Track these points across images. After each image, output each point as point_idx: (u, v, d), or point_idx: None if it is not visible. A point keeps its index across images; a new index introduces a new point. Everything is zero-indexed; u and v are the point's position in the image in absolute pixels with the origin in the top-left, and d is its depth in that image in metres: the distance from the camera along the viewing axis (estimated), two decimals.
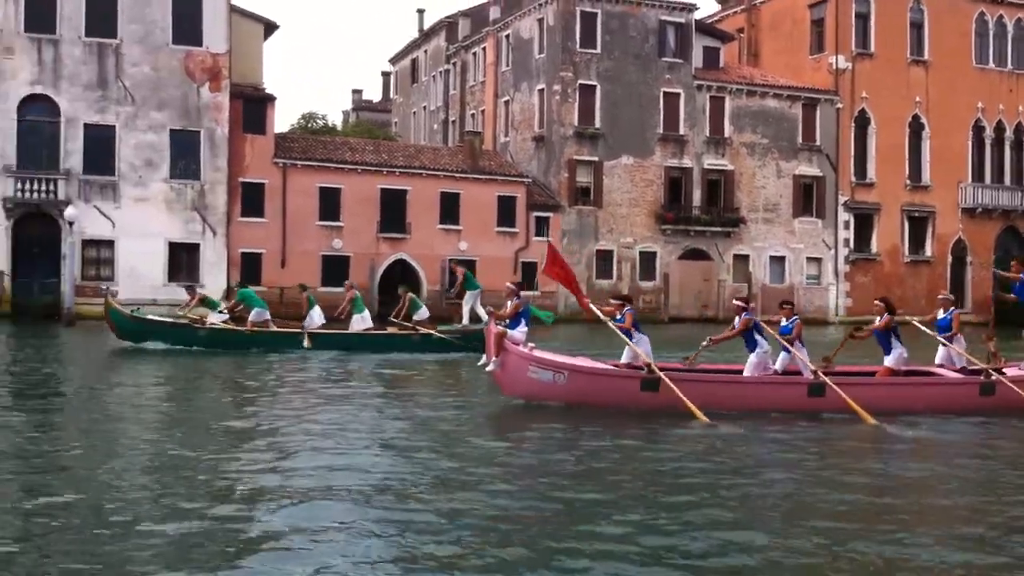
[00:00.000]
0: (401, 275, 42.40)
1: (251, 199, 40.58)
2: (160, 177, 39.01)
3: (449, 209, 43.56)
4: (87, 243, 37.77)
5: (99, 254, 38.08)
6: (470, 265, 36.47)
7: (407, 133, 62.93)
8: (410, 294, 25.86)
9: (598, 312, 14.99)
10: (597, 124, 46.54)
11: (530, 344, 14.71)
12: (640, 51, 47.19)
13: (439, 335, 23.70)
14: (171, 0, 39.08)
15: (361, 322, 24.48)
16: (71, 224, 35.93)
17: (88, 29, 38.14)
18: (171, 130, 39.14)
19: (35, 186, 37.29)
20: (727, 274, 48.35)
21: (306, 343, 23.11)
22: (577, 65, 46.34)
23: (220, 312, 24.36)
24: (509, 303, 15.31)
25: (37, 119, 37.77)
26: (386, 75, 73.82)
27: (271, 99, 41.94)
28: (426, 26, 62.12)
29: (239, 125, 40.37)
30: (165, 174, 39.07)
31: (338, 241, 41.73)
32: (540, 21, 47.76)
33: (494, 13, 53.42)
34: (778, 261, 49.56)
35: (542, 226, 45.32)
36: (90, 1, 38.16)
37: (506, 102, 51.06)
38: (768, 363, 14.78)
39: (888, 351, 14.94)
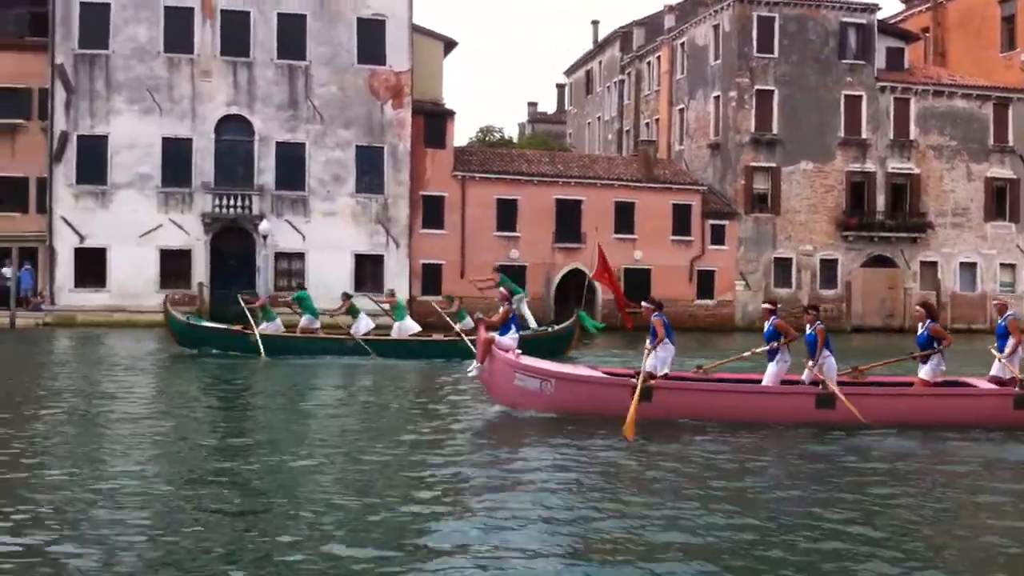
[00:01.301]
0: (576, 285, 42.81)
1: (431, 211, 41.80)
2: (347, 192, 40.65)
3: (624, 218, 43.67)
4: (279, 255, 39.69)
5: (290, 266, 39.96)
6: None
7: (582, 144, 63.40)
8: (458, 302, 26.29)
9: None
10: (775, 129, 45.78)
11: (516, 351, 14.33)
12: (819, 54, 46.19)
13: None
14: (356, 22, 40.69)
15: (401, 329, 24.59)
16: (265, 238, 37.93)
17: (280, 52, 40.13)
18: (357, 146, 40.74)
19: (231, 202, 39.45)
20: (914, 282, 46.66)
21: (367, 349, 23.31)
22: (754, 70, 45.73)
23: (274, 320, 24.58)
24: (501, 309, 15.06)
25: (233, 139, 39.95)
26: (561, 87, 74.63)
27: (451, 114, 43.12)
28: (600, 37, 62.51)
29: (420, 140, 41.66)
30: (351, 189, 40.68)
31: (515, 251, 42.46)
32: (716, 28, 47.38)
33: (669, 22, 53.29)
34: (969, 268, 47.47)
35: (718, 234, 44.89)
36: (281, 26, 40.14)
37: (681, 110, 50.84)
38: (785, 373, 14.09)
39: (925, 361, 14.03)
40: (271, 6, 39.97)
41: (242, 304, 24.88)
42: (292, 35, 40.26)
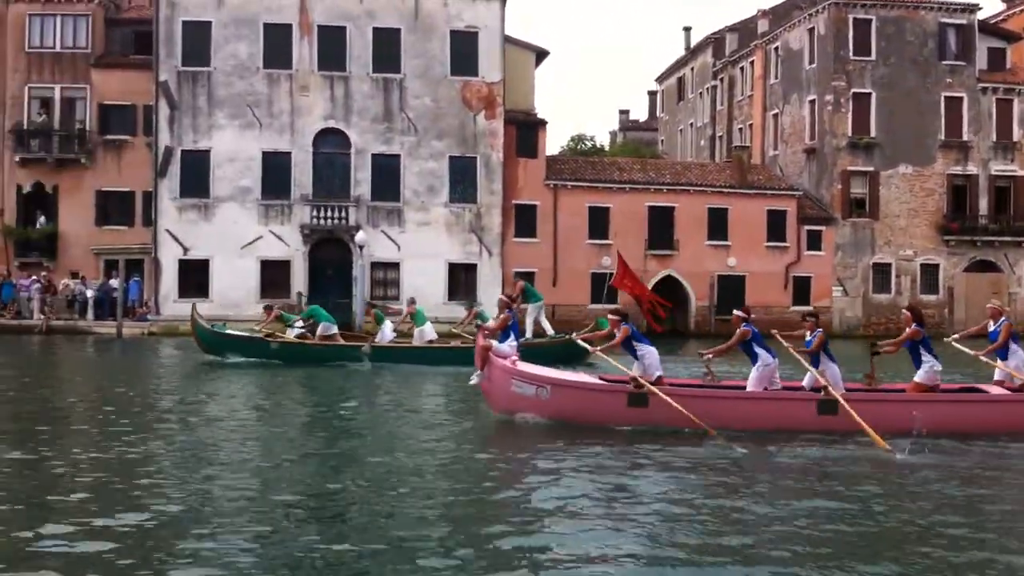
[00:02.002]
0: (669, 292, 42.64)
1: (524, 220, 42.05)
2: (440, 202, 41.14)
3: (717, 225, 43.34)
4: (375, 265, 40.33)
5: (386, 275, 40.57)
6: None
7: (674, 151, 63.08)
8: (476, 309, 26.23)
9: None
10: (872, 133, 44.97)
11: (513, 357, 14.20)
12: (918, 55, 45.25)
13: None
14: (449, 35, 41.20)
15: (422, 335, 24.71)
16: (361, 248, 38.59)
17: (375, 66, 40.83)
18: (450, 157, 41.21)
19: (329, 213, 40.23)
20: (1019, 286, 45.36)
21: (366, 350, 23.75)
22: (850, 73, 45.01)
23: (292, 327, 25.14)
24: (500, 316, 14.97)
25: (330, 151, 40.76)
26: (652, 94, 74.38)
27: (542, 123, 43.36)
28: (693, 43, 62.19)
29: (513, 150, 41.96)
30: (445, 199, 41.16)
31: (607, 259, 42.41)
32: (810, 31, 46.77)
33: (762, 26, 52.76)
34: None
35: (815, 240, 44.25)
36: (376, 40, 40.84)
37: (775, 115, 50.27)
38: (775, 377, 13.71)
39: (917, 365, 13.54)
40: (366, 21, 40.72)
41: (296, 324, 25.52)
42: (387, 49, 40.93)
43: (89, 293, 38.07)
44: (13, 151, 41.31)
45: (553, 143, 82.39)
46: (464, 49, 41.39)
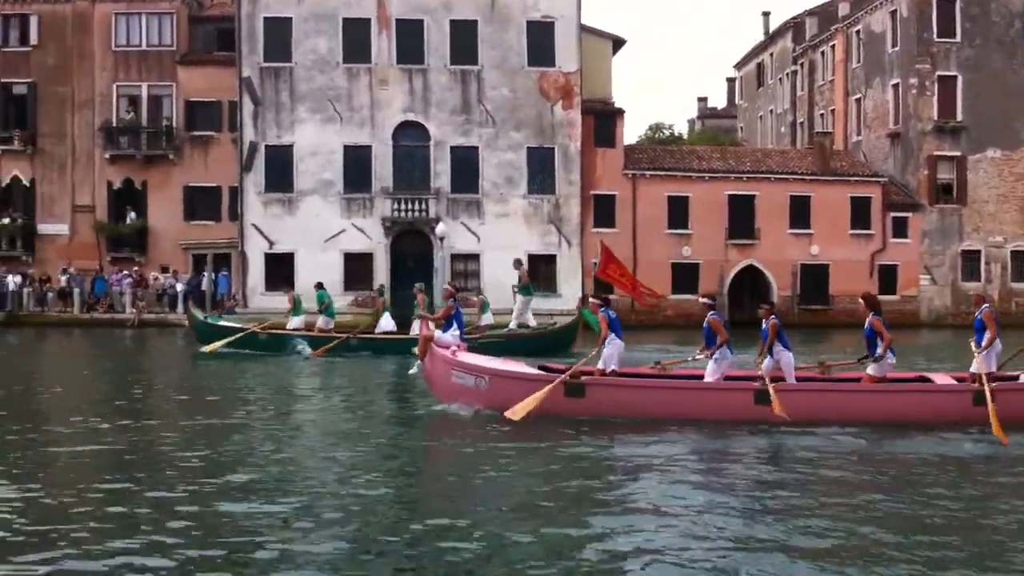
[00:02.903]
0: (751, 281, 42.29)
1: (603, 210, 41.97)
2: (519, 193, 41.25)
3: (799, 213, 42.78)
4: (455, 257, 40.61)
5: (466, 267, 40.82)
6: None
7: (753, 138, 62.36)
8: (481, 297, 26.50)
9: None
10: (959, 117, 43.97)
11: (454, 347, 14.20)
12: (1004, 36, 44.14)
13: (484, 339, 23.31)
14: (526, 25, 41.24)
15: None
16: (441, 240, 38.93)
17: (453, 58, 41.06)
18: (528, 148, 41.28)
19: (409, 206, 40.61)
20: None
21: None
22: (935, 56, 44.05)
23: (298, 317, 26.03)
24: (444, 306, 15.24)
25: (410, 144, 41.13)
26: (731, 81, 73.57)
27: (620, 113, 43.21)
28: (771, 28, 61.37)
29: (590, 139, 41.88)
30: (523, 190, 41.26)
31: (687, 248, 42.21)
32: (892, 14, 45.84)
33: (843, 9, 51.84)
34: None
35: (900, 227, 43.44)
36: (454, 32, 41.05)
37: (857, 100, 49.41)
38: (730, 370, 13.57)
39: (873, 354, 13.29)
40: (443, 13, 40.94)
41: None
42: (464, 41, 41.11)
43: (179, 287, 38.99)
44: (103, 148, 42.47)
45: (631, 132, 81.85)
46: (541, 39, 41.39)
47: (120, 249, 42.25)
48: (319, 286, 27.19)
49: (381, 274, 40.21)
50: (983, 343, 13.44)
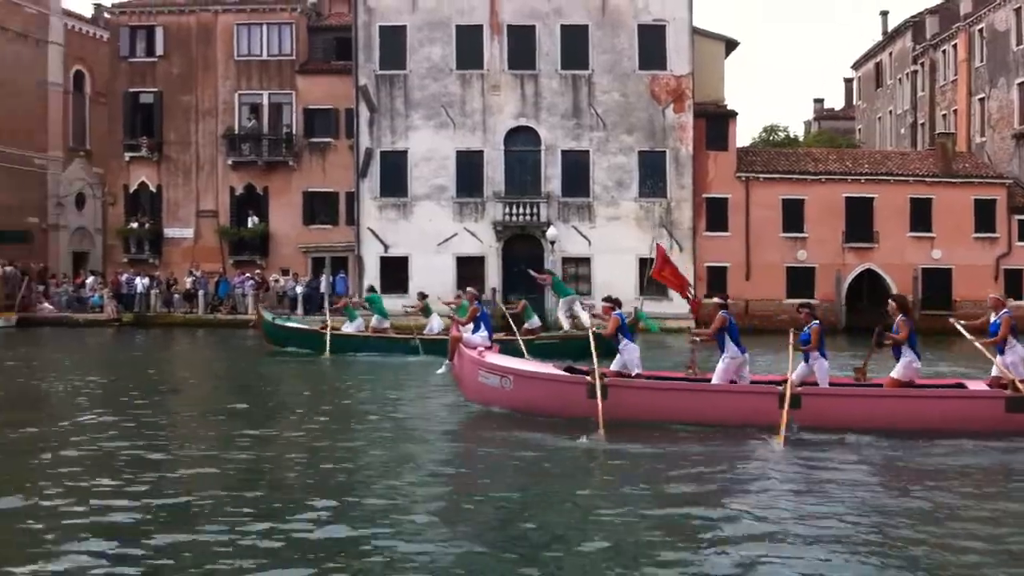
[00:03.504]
0: (869, 286, 41.37)
1: (715, 214, 41.57)
2: (630, 196, 41.17)
3: (920, 216, 41.64)
4: (567, 260, 40.74)
5: (577, 270, 40.94)
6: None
7: (872, 139, 60.95)
8: (524, 302, 26.54)
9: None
10: None
11: (480, 348, 14.32)
12: None
13: (540, 341, 23.56)
14: (637, 29, 41.17)
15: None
16: (552, 243, 39.13)
17: (564, 63, 41.24)
18: (639, 151, 41.17)
19: (520, 210, 40.91)
20: None
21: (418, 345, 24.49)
22: None
23: (356, 320, 26.52)
24: (470, 308, 15.35)
25: (521, 149, 41.45)
26: (848, 81, 72.05)
27: (733, 115, 42.76)
28: (890, 27, 59.90)
29: (702, 143, 41.56)
30: (634, 193, 41.17)
31: (802, 252, 41.51)
32: (1017, 11, 44.33)
33: (965, 7, 50.30)
34: None
35: None
36: (565, 37, 41.23)
37: (981, 100, 47.90)
38: (743, 371, 13.28)
39: (898, 359, 12.80)
40: (554, 19, 41.16)
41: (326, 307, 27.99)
42: (575, 45, 41.26)
43: (298, 289, 40.03)
44: (226, 155, 43.92)
45: (744, 135, 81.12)
46: (652, 42, 41.27)
47: (242, 252, 43.64)
48: (371, 289, 29.15)
49: (493, 278, 40.62)
50: (985, 342, 13.07)
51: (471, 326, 15.72)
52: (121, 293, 41.51)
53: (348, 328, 26.49)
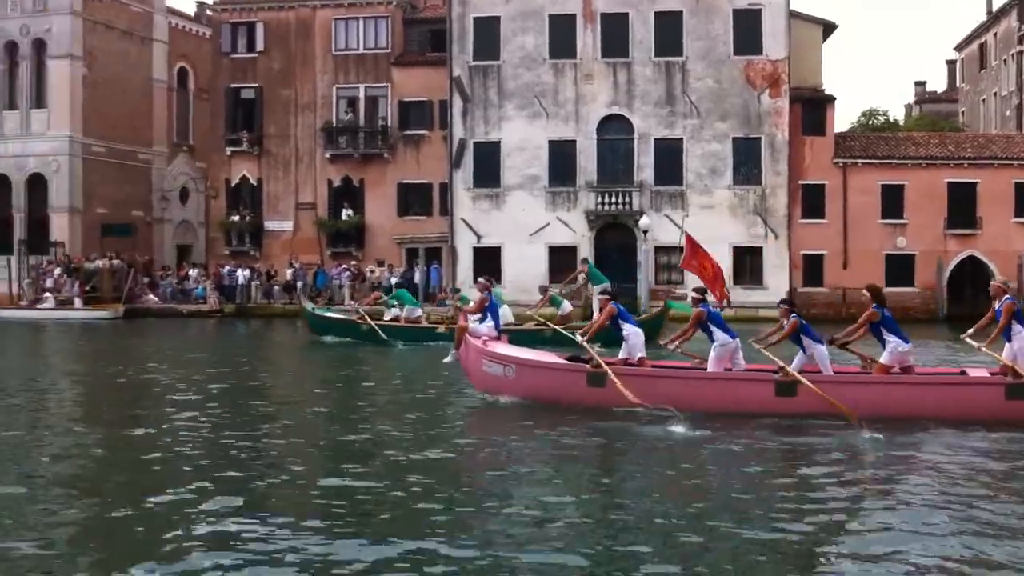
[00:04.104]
0: (972, 273, 40.32)
1: (811, 201, 40.91)
2: (724, 184, 40.78)
3: None
4: (659, 249, 40.51)
5: (670, 260, 40.66)
6: None
7: (976, 122, 59.23)
8: (551, 292, 26.94)
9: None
10: None
11: (485, 338, 14.50)
12: None
13: (563, 332, 22.90)
14: (732, 14, 40.71)
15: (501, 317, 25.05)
16: (645, 232, 39.02)
17: (657, 50, 40.99)
18: (733, 138, 40.72)
19: (613, 199, 40.84)
20: None
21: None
22: None
23: (392, 308, 27.73)
24: (479, 298, 15.65)
25: (614, 137, 41.37)
26: (951, 63, 70.05)
27: (830, 100, 42.01)
28: (995, 7, 58.07)
29: (798, 128, 40.91)
30: (728, 181, 40.76)
31: (902, 239, 40.63)
32: None
33: None
34: None
35: None
36: (658, 24, 40.97)
37: None
38: (738, 358, 13.37)
39: (883, 347, 12.76)
40: (648, 6, 40.92)
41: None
42: (669, 32, 40.97)
43: (393, 280, 40.63)
44: (324, 149, 44.77)
45: (843, 119, 79.39)
46: (747, 27, 40.76)
47: (339, 244, 44.46)
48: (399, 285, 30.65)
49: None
50: (991, 336, 12.93)
51: (477, 315, 16.07)
52: (223, 285, 42.74)
53: (388, 316, 27.88)
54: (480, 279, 18.28)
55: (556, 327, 23.23)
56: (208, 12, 50.17)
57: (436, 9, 45.51)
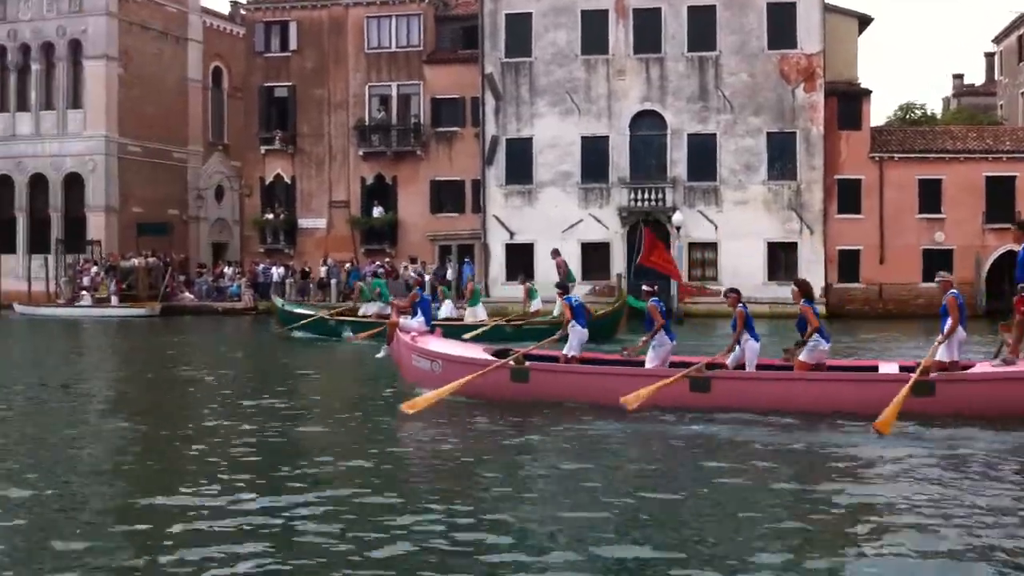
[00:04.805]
0: (1010, 268, 39.69)
1: (847, 196, 40.49)
2: (758, 180, 40.45)
3: None
4: (693, 245, 40.32)
5: (703, 256, 40.51)
6: None
7: (1014, 116, 58.29)
8: (528, 284, 27.33)
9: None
10: None
11: (414, 333, 14.88)
12: None
13: (530, 326, 24.06)
14: (766, 8, 40.35)
15: (474, 314, 26.52)
16: (678, 228, 38.81)
17: (690, 45, 40.69)
18: (767, 133, 40.37)
19: (646, 195, 40.64)
20: None
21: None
22: None
23: (383, 304, 27.66)
24: (410, 294, 16.10)
25: (647, 133, 41.15)
26: (989, 56, 69.12)
27: (866, 94, 41.57)
28: None
29: (834, 123, 40.51)
30: (763, 176, 40.43)
31: (940, 234, 40.16)
32: None
33: None
34: None
35: None
36: (691, 19, 40.66)
37: None
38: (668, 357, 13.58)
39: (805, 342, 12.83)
40: (680, 1, 40.66)
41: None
42: (702, 27, 40.68)
43: (426, 277, 40.66)
44: (356, 147, 44.94)
45: (879, 113, 78.57)
46: (782, 21, 40.38)
47: (372, 241, 44.62)
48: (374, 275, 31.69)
49: (618, 264, 40.51)
50: (945, 332, 12.91)
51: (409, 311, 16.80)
52: (257, 282, 43.01)
53: (363, 311, 28.74)
54: (411, 274, 19.23)
55: (518, 321, 25.29)
56: (242, 11, 50.51)
57: (468, 6, 45.53)
